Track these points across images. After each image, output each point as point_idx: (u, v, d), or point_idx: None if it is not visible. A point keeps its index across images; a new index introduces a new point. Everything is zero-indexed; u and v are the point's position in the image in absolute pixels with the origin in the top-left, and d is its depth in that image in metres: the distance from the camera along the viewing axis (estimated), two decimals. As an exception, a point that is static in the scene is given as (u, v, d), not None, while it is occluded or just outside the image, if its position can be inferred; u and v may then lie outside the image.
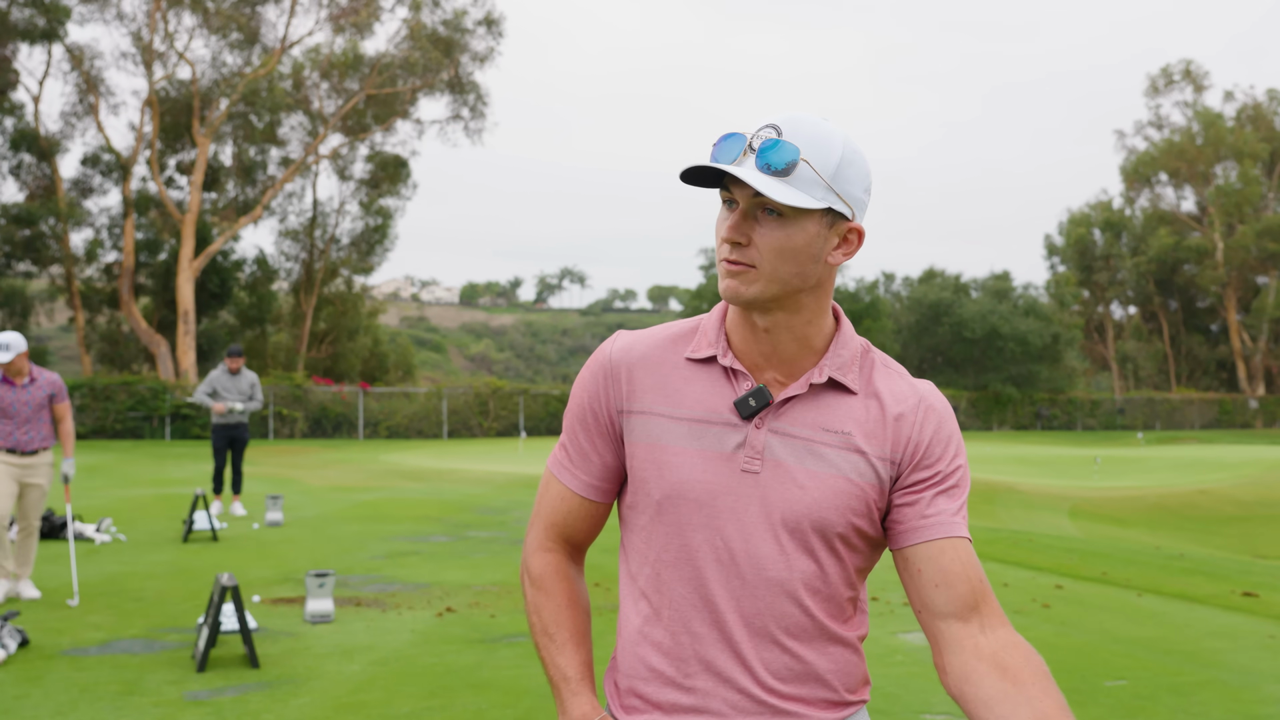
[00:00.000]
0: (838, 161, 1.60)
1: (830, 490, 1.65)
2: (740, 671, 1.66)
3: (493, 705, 5.45)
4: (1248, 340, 68.09)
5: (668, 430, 1.70)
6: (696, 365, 1.72)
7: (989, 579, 8.30)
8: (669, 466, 1.68)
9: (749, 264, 1.61)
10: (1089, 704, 5.64)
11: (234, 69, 43.34)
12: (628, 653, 1.74)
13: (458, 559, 10.37)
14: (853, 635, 1.73)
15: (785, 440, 1.67)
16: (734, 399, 1.68)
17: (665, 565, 1.69)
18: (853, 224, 1.66)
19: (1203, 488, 24.39)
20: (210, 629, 6.11)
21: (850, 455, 1.67)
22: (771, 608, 1.65)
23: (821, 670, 1.68)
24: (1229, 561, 13.01)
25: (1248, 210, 66.17)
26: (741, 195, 1.60)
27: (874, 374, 1.74)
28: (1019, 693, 1.55)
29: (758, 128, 1.60)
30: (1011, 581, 9.60)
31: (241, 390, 13.07)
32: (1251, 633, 7.63)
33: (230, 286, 46.79)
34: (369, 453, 30.34)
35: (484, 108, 46.93)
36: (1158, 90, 70.60)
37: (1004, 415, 55.60)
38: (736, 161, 1.58)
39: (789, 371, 1.70)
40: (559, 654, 1.75)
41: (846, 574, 1.70)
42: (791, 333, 1.68)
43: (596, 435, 1.77)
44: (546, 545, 1.83)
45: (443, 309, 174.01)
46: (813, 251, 1.63)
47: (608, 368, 1.76)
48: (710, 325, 1.75)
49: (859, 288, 58.69)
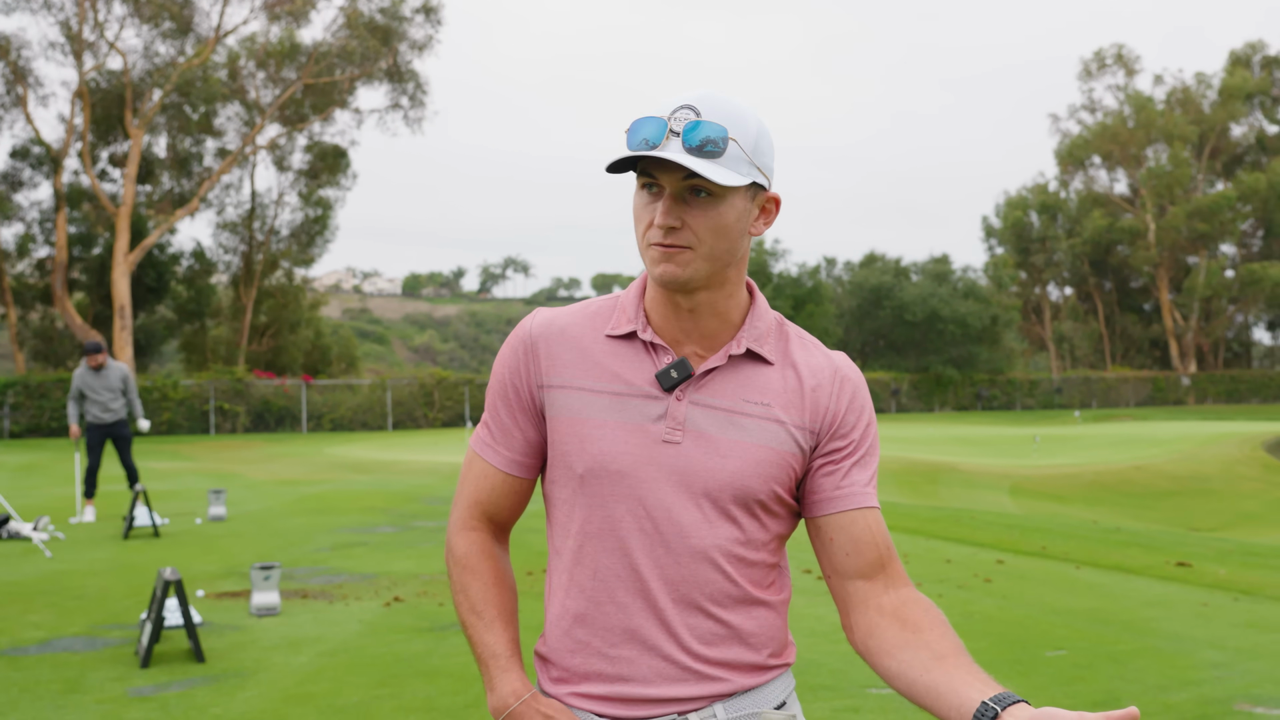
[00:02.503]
0: (755, 135, 1.63)
1: (751, 459, 1.69)
2: (666, 639, 1.68)
3: (442, 693, 5.45)
4: (1179, 319, 69.47)
5: (589, 404, 1.72)
6: (616, 340, 1.75)
7: (933, 556, 8.41)
8: (591, 439, 1.70)
9: (685, 246, 1.62)
10: (1030, 674, 5.76)
11: (167, 59, 42.51)
12: (555, 626, 1.76)
13: (405, 549, 10.33)
14: (776, 599, 1.77)
15: (706, 411, 1.70)
16: (655, 372, 1.71)
17: (589, 537, 1.71)
18: (770, 194, 1.71)
19: (1138, 464, 24.90)
20: (154, 624, 6.04)
21: (770, 425, 1.71)
22: (695, 575, 1.68)
23: (745, 634, 1.72)
24: (1163, 534, 13.32)
25: (1178, 192, 67.42)
26: (668, 179, 1.60)
27: (790, 346, 1.78)
28: (917, 638, 1.62)
29: (673, 109, 1.60)
30: (954, 558, 9.75)
31: (111, 386, 12.29)
32: (1185, 601, 7.83)
33: (167, 280, 46.02)
34: (313, 446, 30.06)
35: (423, 96, 46.49)
36: (1090, 74, 71.70)
37: (945, 396, 56.30)
38: (661, 146, 1.58)
39: (708, 345, 1.73)
40: (486, 632, 1.76)
41: (769, 540, 1.74)
42: (713, 308, 1.71)
43: (518, 410, 1.78)
44: (470, 524, 1.83)
45: (385, 300, 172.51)
46: (741, 226, 1.66)
47: (527, 343, 1.77)
48: (629, 301, 1.77)
49: (801, 273, 59.04)
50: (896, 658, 1.62)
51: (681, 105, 1.60)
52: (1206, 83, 71.06)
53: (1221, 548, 11.33)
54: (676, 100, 1.61)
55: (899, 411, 53.75)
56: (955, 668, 1.55)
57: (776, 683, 1.76)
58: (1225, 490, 23.01)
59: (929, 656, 1.58)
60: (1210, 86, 70.89)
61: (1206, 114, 69.86)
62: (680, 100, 1.61)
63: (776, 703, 1.75)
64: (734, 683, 1.71)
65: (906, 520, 12.67)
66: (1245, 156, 72.95)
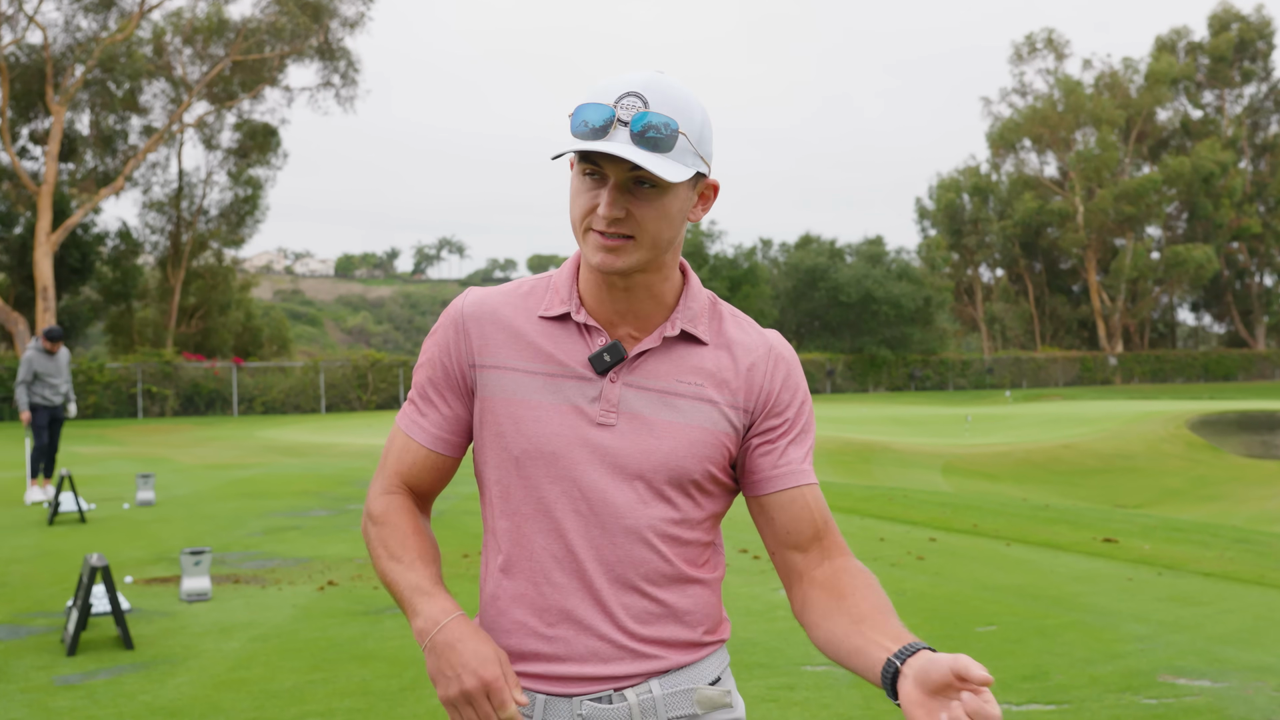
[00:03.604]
0: (700, 125, 1.62)
1: (685, 440, 1.70)
2: (601, 619, 1.69)
3: (377, 676, 5.41)
4: (1106, 300, 70.88)
5: (522, 385, 1.71)
6: (549, 322, 1.74)
7: (867, 534, 8.51)
8: (526, 421, 1.70)
9: (629, 235, 1.62)
10: (961, 649, 5.85)
11: (89, 33, 41.47)
12: (490, 606, 1.75)
13: (339, 533, 10.23)
14: (710, 577, 1.78)
15: (639, 393, 1.70)
16: (588, 354, 1.70)
17: (524, 519, 1.70)
18: (710, 180, 1.71)
19: (1066, 442, 25.41)
20: (80, 611, 5.91)
21: (704, 405, 1.71)
22: (630, 555, 1.69)
23: (681, 612, 1.73)
24: (1090, 511, 13.61)
25: (1106, 175, 68.69)
26: (614, 170, 1.59)
27: (724, 325, 1.78)
28: (840, 604, 1.66)
29: (618, 96, 1.57)
30: (888, 536, 9.87)
31: (61, 370, 12.79)
32: (1111, 576, 8.01)
33: (92, 261, 44.97)
34: (244, 429, 29.64)
35: (355, 75, 45.88)
36: (1022, 58, 72.71)
37: (879, 377, 56.96)
38: (608, 136, 1.56)
39: (642, 326, 1.73)
40: (408, 571, 1.71)
41: (703, 519, 1.75)
42: (648, 290, 1.71)
43: (446, 389, 1.77)
44: (390, 490, 1.80)
45: (318, 281, 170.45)
46: (683, 214, 1.67)
47: (459, 322, 1.76)
48: (562, 282, 1.76)
49: (737, 254, 59.32)
50: (824, 627, 1.66)
51: (628, 92, 1.58)
52: (1134, 68, 72.44)
53: (1146, 524, 11.60)
54: (621, 84, 1.59)
55: (834, 392, 54.26)
56: (871, 628, 1.58)
57: (712, 659, 1.77)
58: (1150, 468, 23.57)
59: (849, 621, 1.62)
60: (1137, 72, 72.30)
61: (1133, 98, 71.21)
62: (626, 86, 1.58)
63: (711, 678, 1.76)
64: (670, 660, 1.72)
65: (841, 499, 12.80)
66: (1170, 141, 74.50)
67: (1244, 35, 73.68)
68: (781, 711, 4.81)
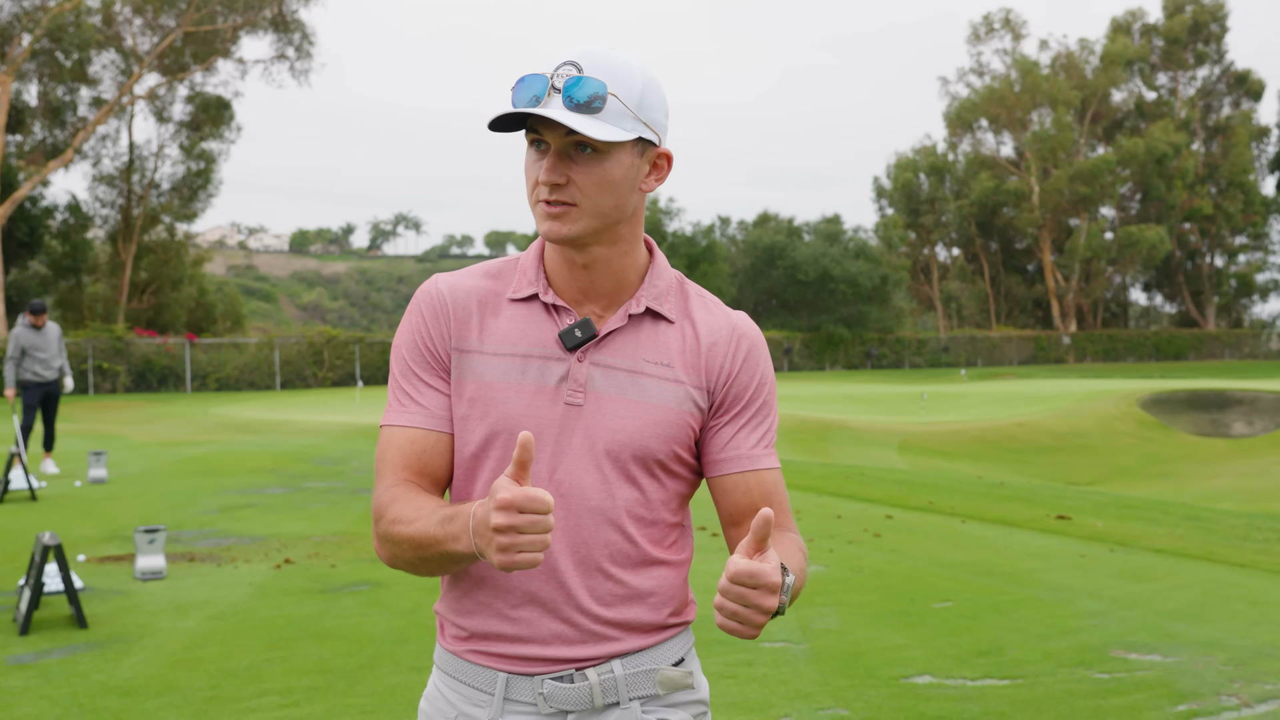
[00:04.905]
0: (640, 90, 1.63)
1: (651, 420, 1.70)
2: (565, 601, 1.69)
3: (335, 654, 5.38)
4: (1060, 280, 71.64)
5: (491, 366, 1.71)
6: (518, 304, 1.74)
7: (824, 512, 8.54)
8: (494, 402, 1.69)
9: (570, 202, 1.63)
10: (918, 625, 5.92)
11: (36, 2, 40.62)
12: (454, 587, 1.75)
13: (295, 510, 10.15)
14: (676, 558, 1.79)
15: (607, 372, 1.70)
16: (558, 332, 1.70)
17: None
18: (661, 149, 1.71)
19: (1020, 420, 25.71)
20: (33, 590, 5.83)
21: (670, 385, 1.72)
22: (596, 537, 1.69)
23: (645, 594, 1.73)
24: (1044, 488, 13.79)
25: (1061, 155, 69.25)
26: (552, 136, 1.61)
27: (689, 304, 1.79)
28: None
29: (556, 66, 1.60)
30: (845, 513, 9.95)
31: (51, 344, 12.66)
32: (1064, 553, 8.12)
33: (40, 235, 44.18)
34: (198, 406, 29.32)
35: (310, 47, 45.34)
36: (979, 38, 73.03)
37: (836, 355, 57.25)
38: (543, 103, 1.58)
39: (607, 305, 1.74)
40: (429, 519, 1.59)
41: (669, 500, 1.76)
42: (609, 266, 1.71)
43: (433, 371, 1.74)
44: (392, 485, 1.70)
45: (272, 257, 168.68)
46: (629, 182, 1.67)
47: (436, 305, 1.75)
48: (528, 264, 1.77)
49: (695, 232, 59.26)
50: None
51: (565, 62, 1.60)
52: (1089, 49, 72.95)
53: (1099, 501, 11.77)
54: (561, 56, 1.61)
55: (791, 370, 54.52)
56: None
57: (675, 640, 1.78)
58: (1102, 446, 23.92)
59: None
60: (1093, 53, 72.81)
61: (1089, 79, 71.75)
62: (564, 56, 1.61)
63: (674, 659, 1.77)
64: (633, 642, 1.73)
65: (798, 477, 12.89)
66: (1125, 122, 75.19)
67: (1198, 18, 74.44)
68: (740, 687, 4.84)
